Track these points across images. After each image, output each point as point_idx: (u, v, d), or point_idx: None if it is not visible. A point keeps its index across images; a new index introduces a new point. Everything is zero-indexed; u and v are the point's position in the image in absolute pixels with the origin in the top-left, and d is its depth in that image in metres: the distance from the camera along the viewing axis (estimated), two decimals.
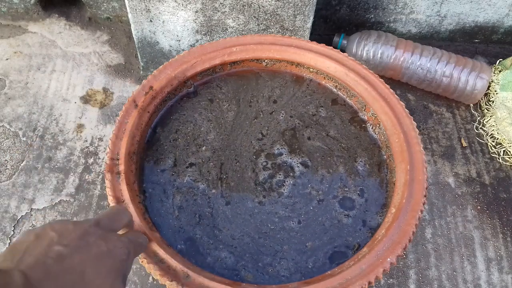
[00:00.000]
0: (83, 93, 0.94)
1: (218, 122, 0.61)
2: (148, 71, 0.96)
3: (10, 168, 0.83)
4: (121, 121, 0.55)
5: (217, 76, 0.65)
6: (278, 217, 0.53)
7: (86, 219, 0.39)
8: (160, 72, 0.59)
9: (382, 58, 0.93)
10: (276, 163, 0.58)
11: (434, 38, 1.07)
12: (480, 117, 0.94)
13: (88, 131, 0.89)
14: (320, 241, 0.52)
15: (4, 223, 0.77)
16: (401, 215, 0.49)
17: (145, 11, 0.81)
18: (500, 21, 1.02)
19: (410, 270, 0.75)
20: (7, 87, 0.94)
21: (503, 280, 0.75)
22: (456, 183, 0.85)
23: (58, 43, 1.01)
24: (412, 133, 0.55)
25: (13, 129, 0.88)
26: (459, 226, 0.80)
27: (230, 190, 0.55)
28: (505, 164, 0.88)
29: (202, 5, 0.79)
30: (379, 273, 0.45)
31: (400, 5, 0.98)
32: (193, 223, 0.53)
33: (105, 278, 0.35)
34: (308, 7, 0.79)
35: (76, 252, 0.34)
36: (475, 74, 0.90)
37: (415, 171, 0.52)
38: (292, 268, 0.50)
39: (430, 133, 0.92)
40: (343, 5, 0.99)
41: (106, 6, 1.03)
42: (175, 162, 0.57)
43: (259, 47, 0.63)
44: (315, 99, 0.64)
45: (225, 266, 0.50)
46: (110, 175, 0.51)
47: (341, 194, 0.55)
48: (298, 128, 0.61)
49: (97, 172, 0.84)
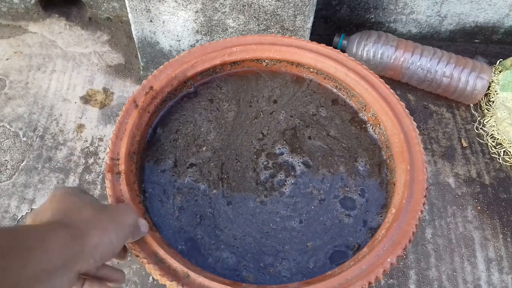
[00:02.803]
0: (83, 93, 0.94)
1: (219, 122, 0.61)
2: (148, 71, 0.96)
3: (10, 168, 0.83)
4: (121, 121, 0.55)
5: (217, 76, 0.65)
6: (280, 216, 0.53)
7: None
8: (160, 72, 0.59)
9: (382, 58, 0.93)
10: (277, 162, 0.58)
11: (434, 38, 1.07)
12: (480, 117, 0.94)
13: (88, 131, 0.89)
14: (321, 241, 0.52)
15: (4, 223, 0.77)
16: (401, 216, 0.49)
17: (145, 11, 0.81)
18: (500, 21, 1.02)
19: (410, 270, 0.75)
20: (7, 87, 0.94)
21: (503, 280, 0.75)
22: (456, 184, 0.85)
23: (58, 43, 1.01)
24: (412, 133, 0.55)
25: (13, 129, 0.88)
26: (459, 226, 0.80)
27: (231, 190, 0.55)
28: (505, 165, 0.88)
29: (202, 5, 0.79)
30: (379, 273, 0.45)
31: (400, 5, 0.98)
32: (194, 223, 0.52)
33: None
34: (308, 7, 0.79)
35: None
36: (475, 75, 0.90)
37: (415, 172, 0.52)
38: (293, 268, 0.50)
39: (430, 133, 0.92)
40: (343, 5, 0.99)
41: (106, 6, 1.03)
42: (176, 163, 0.57)
43: (259, 47, 0.63)
44: (316, 99, 0.64)
45: (226, 267, 0.50)
46: (110, 175, 0.51)
47: (342, 194, 0.55)
48: (298, 127, 0.61)
49: (97, 172, 0.84)
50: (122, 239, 0.39)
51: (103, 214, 0.38)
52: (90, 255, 0.35)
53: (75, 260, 0.33)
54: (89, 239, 0.35)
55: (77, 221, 0.36)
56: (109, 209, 0.40)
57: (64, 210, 0.37)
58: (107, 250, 0.37)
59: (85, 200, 0.39)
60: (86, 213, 0.37)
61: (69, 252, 0.33)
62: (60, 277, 0.32)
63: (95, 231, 0.36)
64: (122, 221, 0.40)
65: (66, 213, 0.36)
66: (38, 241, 0.31)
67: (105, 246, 0.36)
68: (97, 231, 0.36)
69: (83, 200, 0.39)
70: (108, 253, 0.37)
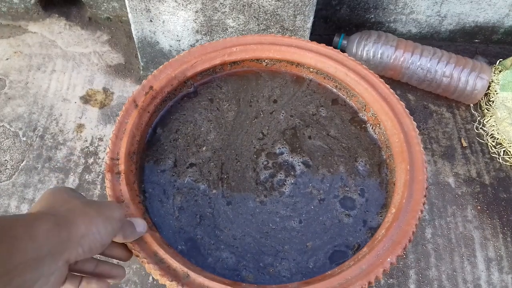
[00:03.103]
0: (83, 93, 0.94)
1: (219, 122, 0.61)
2: (148, 71, 0.96)
3: (10, 168, 0.83)
4: (121, 121, 0.55)
5: (217, 76, 0.65)
6: (280, 216, 0.53)
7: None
8: (160, 72, 0.59)
9: (382, 58, 0.93)
10: (277, 162, 0.58)
11: (434, 38, 1.07)
12: (480, 117, 0.94)
13: (88, 131, 0.89)
14: (321, 240, 0.52)
15: None
16: (401, 215, 0.49)
17: (145, 11, 0.81)
18: (500, 21, 1.02)
19: (410, 270, 0.75)
20: (7, 87, 0.94)
21: (503, 280, 0.75)
22: (456, 183, 0.85)
23: (58, 43, 1.01)
24: (412, 133, 0.55)
25: (13, 129, 0.88)
26: (459, 226, 0.80)
27: (231, 190, 0.55)
28: (505, 164, 0.88)
29: (202, 5, 0.79)
30: (379, 273, 0.45)
31: (400, 5, 0.98)
32: (193, 223, 0.52)
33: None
34: (308, 7, 0.79)
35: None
36: (475, 74, 0.90)
37: (415, 171, 0.52)
38: (293, 268, 0.50)
39: (430, 133, 0.92)
40: (343, 5, 0.99)
41: (106, 6, 1.03)
42: (176, 163, 0.57)
43: (259, 47, 0.63)
44: (316, 99, 0.64)
45: (226, 267, 0.50)
46: (110, 175, 0.51)
47: (342, 193, 0.55)
48: (298, 127, 0.61)
49: (97, 172, 0.84)
50: (110, 232, 0.39)
51: (90, 207, 0.38)
52: (77, 244, 0.35)
53: (62, 248, 0.34)
54: (76, 228, 0.35)
55: (63, 211, 0.36)
56: (96, 204, 0.40)
57: (51, 203, 0.37)
58: (95, 241, 0.37)
59: (72, 195, 0.39)
60: (73, 204, 0.38)
61: (55, 239, 0.33)
62: (48, 265, 0.32)
63: (82, 220, 0.36)
64: (109, 214, 0.40)
65: (53, 205, 0.37)
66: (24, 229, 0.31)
67: (92, 236, 0.37)
68: (84, 221, 0.36)
69: (71, 195, 0.39)
70: (96, 244, 0.37)
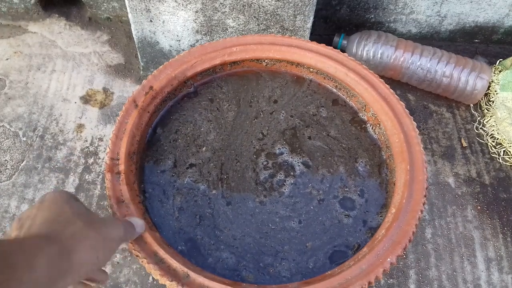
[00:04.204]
0: (83, 93, 0.94)
1: (218, 122, 0.61)
2: (148, 71, 0.96)
3: (10, 168, 0.83)
4: (121, 121, 0.55)
5: (217, 76, 0.65)
6: (279, 217, 0.53)
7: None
8: (160, 72, 0.59)
9: (382, 58, 0.93)
10: (277, 162, 0.58)
11: (434, 38, 1.07)
12: (480, 117, 0.94)
13: (88, 131, 0.89)
14: (320, 241, 0.52)
15: (4, 223, 0.77)
16: (401, 215, 0.49)
17: (145, 11, 0.81)
18: (500, 21, 1.02)
19: (410, 270, 0.75)
20: (7, 87, 0.94)
21: (503, 280, 0.75)
22: (456, 183, 0.85)
23: (58, 43, 1.01)
24: (412, 133, 0.55)
25: (13, 129, 0.88)
26: (459, 226, 0.80)
27: (230, 190, 0.55)
28: (505, 164, 0.88)
29: (202, 5, 0.79)
30: (379, 273, 0.45)
31: (400, 5, 0.98)
32: (193, 224, 0.52)
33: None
34: (308, 7, 0.79)
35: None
36: (475, 74, 0.90)
37: (415, 171, 0.52)
38: (293, 268, 0.50)
39: (430, 133, 0.92)
40: (343, 5, 0.99)
41: (106, 6, 1.03)
42: (175, 163, 0.57)
43: (259, 47, 0.63)
44: (316, 99, 0.64)
45: (226, 267, 0.50)
46: (110, 175, 0.51)
47: (342, 194, 0.55)
48: (298, 127, 0.61)
49: (97, 172, 0.84)
50: (108, 255, 0.39)
51: (92, 229, 0.38)
52: (77, 272, 0.35)
53: (60, 277, 0.33)
54: (77, 256, 0.35)
55: (65, 235, 0.35)
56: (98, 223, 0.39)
57: (52, 221, 0.36)
58: (93, 266, 0.37)
59: (74, 209, 0.38)
60: (76, 227, 0.36)
61: (55, 270, 0.33)
62: None
63: (83, 246, 0.36)
64: (110, 236, 0.39)
65: (54, 226, 0.36)
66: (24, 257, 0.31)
67: (92, 262, 0.37)
68: (85, 246, 0.36)
69: (72, 209, 0.38)
70: (94, 268, 0.38)
